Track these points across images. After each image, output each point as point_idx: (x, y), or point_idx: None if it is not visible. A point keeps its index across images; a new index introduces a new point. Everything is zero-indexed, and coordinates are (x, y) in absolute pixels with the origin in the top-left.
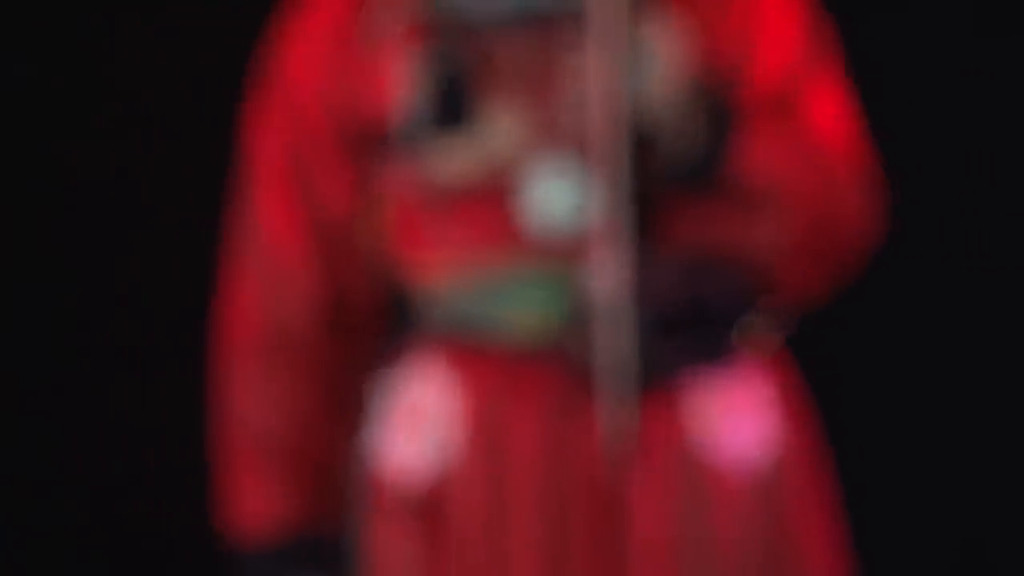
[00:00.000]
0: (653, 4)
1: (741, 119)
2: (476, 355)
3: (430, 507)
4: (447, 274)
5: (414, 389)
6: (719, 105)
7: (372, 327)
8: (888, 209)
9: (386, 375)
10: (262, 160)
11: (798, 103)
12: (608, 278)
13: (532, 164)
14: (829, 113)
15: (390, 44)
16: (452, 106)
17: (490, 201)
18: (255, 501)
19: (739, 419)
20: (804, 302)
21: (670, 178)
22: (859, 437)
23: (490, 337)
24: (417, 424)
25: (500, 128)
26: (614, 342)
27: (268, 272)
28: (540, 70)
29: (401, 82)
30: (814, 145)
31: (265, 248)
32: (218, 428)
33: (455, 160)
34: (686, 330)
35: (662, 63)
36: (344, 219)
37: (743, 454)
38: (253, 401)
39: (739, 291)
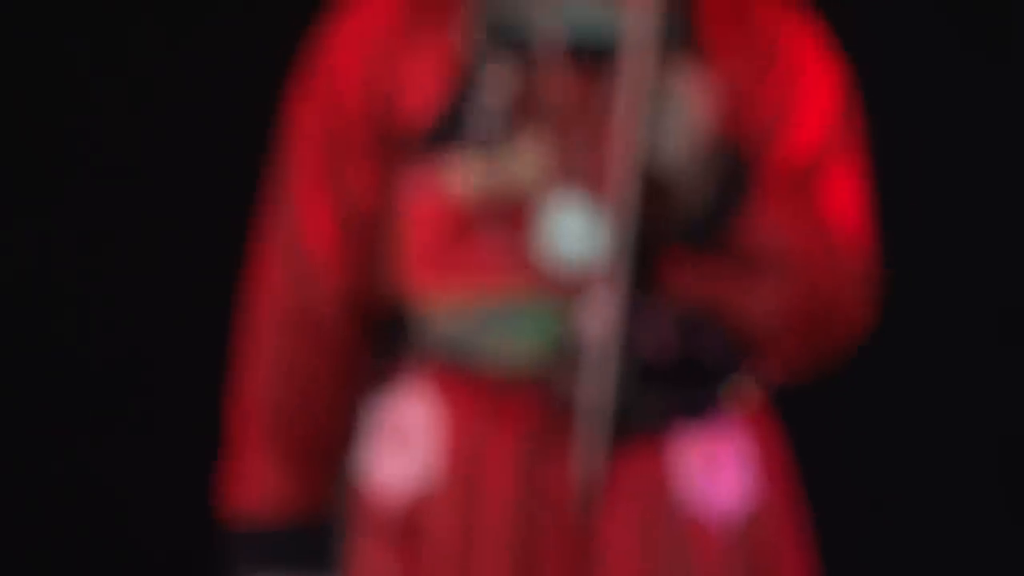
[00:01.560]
0: (691, 57)
1: (758, 184)
2: (464, 380)
3: (407, 527)
4: (448, 295)
5: (401, 409)
6: (738, 166)
7: (386, 325)
8: (882, 302)
9: (378, 392)
10: (299, 145)
11: (817, 181)
12: (602, 319)
13: (548, 197)
14: (845, 197)
15: (436, 49)
16: (481, 123)
17: (501, 227)
18: (261, 479)
19: (719, 472)
20: (788, 374)
21: (678, 230)
22: (837, 496)
23: (480, 364)
24: (401, 444)
25: (525, 155)
26: (598, 383)
27: (298, 255)
28: (573, 105)
29: (439, 89)
30: (825, 225)
31: (296, 232)
32: (235, 404)
33: (475, 178)
34: (672, 381)
35: (688, 117)
36: (371, 213)
37: (721, 507)
38: (274, 377)
39: (729, 350)
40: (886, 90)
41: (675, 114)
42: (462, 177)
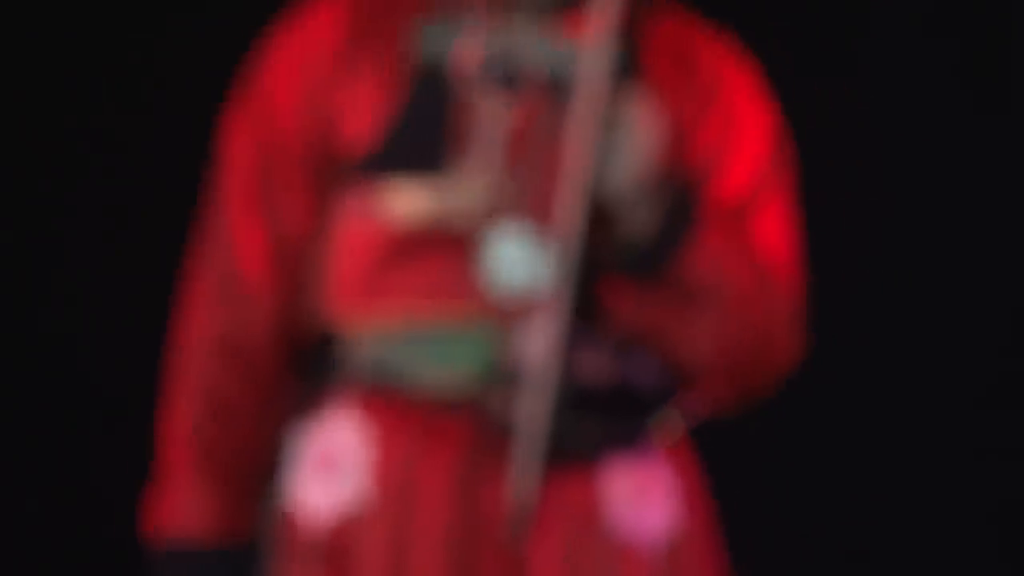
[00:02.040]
0: (639, 91)
1: (699, 218)
2: (396, 404)
3: (337, 551)
4: (379, 319)
5: (330, 433)
6: (682, 199)
7: (316, 350)
8: (810, 337)
9: (305, 418)
10: (233, 167)
11: (751, 218)
12: (539, 345)
13: (490, 224)
14: (776, 234)
15: (377, 73)
16: (418, 151)
17: (439, 253)
18: (186, 502)
19: (647, 501)
20: (717, 406)
21: (620, 260)
22: (754, 524)
23: (412, 387)
24: (330, 468)
25: (461, 182)
26: (533, 408)
27: (229, 279)
28: (519, 134)
29: (377, 114)
30: (758, 261)
31: (228, 256)
32: (162, 426)
33: (414, 205)
34: (607, 409)
35: (636, 148)
36: (304, 238)
37: (648, 535)
38: (200, 401)
39: (663, 380)
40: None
41: (623, 145)
42: (401, 203)
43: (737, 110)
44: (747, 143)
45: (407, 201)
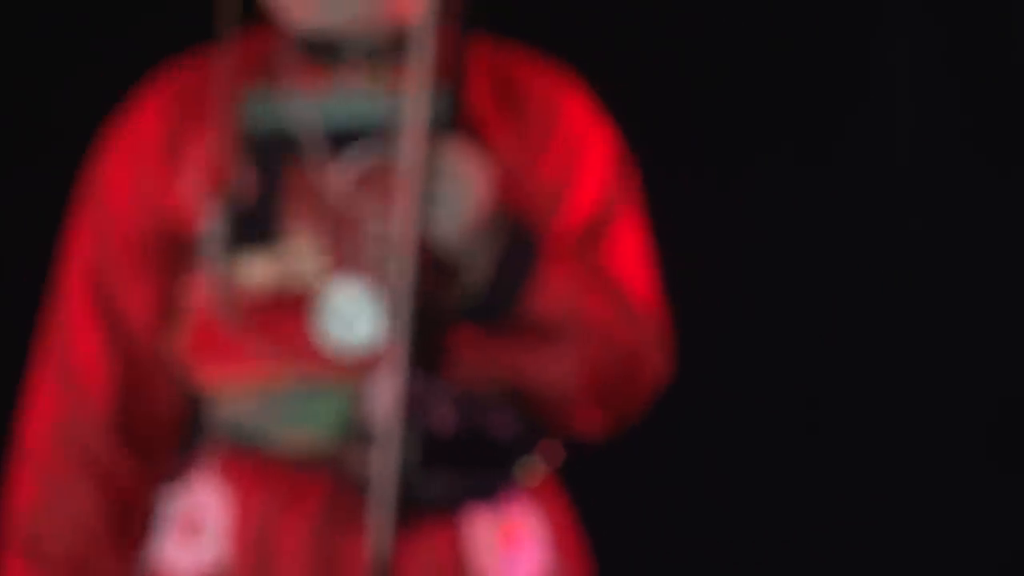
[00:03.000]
0: (465, 133)
1: (544, 253)
2: (253, 465)
3: None
4: (233, 384)
5: (191, 498)
6: (522, 239)
7: (170, 441)
8: (675, 354)
9: (172, 484)
10: (72, 264)
11: (602, 242)
12: (386, 401)
13: (326, 285)
14: (630, 256)
15: (203, 155)
16: (254, 222)
17: (281, 317)
18: None
19: (516, 549)
20: (588, 436)
21: (463, 308)
22: (628, 556)
23: (268, 448)
24: (192, 532)
25: (298, 247)
26: (383, 464)
27: (66, 382)
28: (346, 193)
29: (206, 194)
30: (614, 284)
31: (65, 358)
32: (3, 512)
33: (253, 275)
34: (461, 459)
35: (463, 195)
36: (145, 331)
37: None
38: (41, 509)
39: (522, 422)
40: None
41: (450, 193)
42: (241, 276)
43: (575, 138)
44: (589, 170)
45: (246, 273)
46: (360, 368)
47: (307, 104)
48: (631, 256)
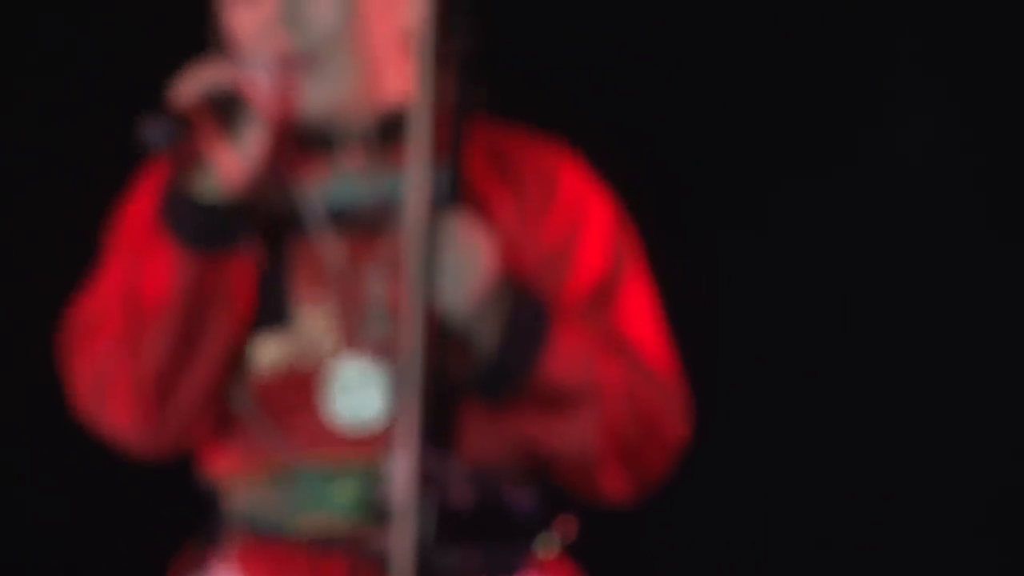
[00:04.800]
0: (465, 206)
1: (555, 318)
2: (271, 554)
3: None
4: (246, 474)
5: None
6: (532, 305)
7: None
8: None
9: (188, 570)
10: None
11: (611, 305)
12: (401, 478)
13: (338, 363)
14: (639, 316)
15: None
16: (265, 303)
17: (293, 398)
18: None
19: None
20: (613, 502)
21: (475, 379)
22: None
23: (287, 533)
24: None
25: (308, 325)
26: (401, 541)
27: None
28: (351, 270)
29: None
30: (627, 345)
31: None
32: None
33: (264, 356)
34: (480, 533)
35: (470, 263)
36: None
37: None
38: None
39: (538, 495)
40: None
41: (456, 263)
42: (256, 356)
43: (575, 204)
44: (591, 234)
45: (260, 355)
46: (373, 446)
47: (309, 186)
48: (641, 318)
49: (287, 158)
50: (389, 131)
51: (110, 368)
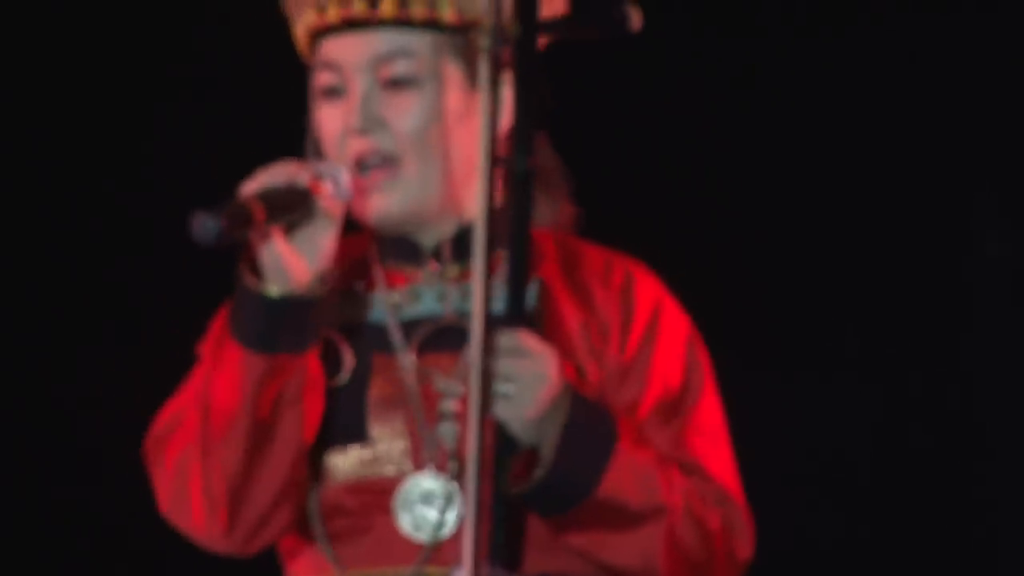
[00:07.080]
0: (536, 316)
1: (623, 434)
2: None
3: None
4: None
5: None
6: (599, 420)
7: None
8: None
9: None
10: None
11: (680, 423)
12: None
13: (407, 478)
14: (709, 436)
15: None
16: (348, 425)
17: (364, 509)
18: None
19: None
20: None
21: (536, 495)
22: None
23: None
24: None
25: (382, 439)
26: None
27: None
28: (426, 383)
29: None
30: (698, 461)
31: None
32: None
33: (339, 465)
34: None
35: (537, 377)
36: None
37: None
38: None
39: None
40: None
41: (523, 378)
42: (330, 473)
43: (650, 320)
44: (664, 351)
45: (334, 465)
46: (438, 562)
47: (388, 299)
48: (711, 435)
49: (364, 267)
50: (468, 243)
51: (186, 472)
